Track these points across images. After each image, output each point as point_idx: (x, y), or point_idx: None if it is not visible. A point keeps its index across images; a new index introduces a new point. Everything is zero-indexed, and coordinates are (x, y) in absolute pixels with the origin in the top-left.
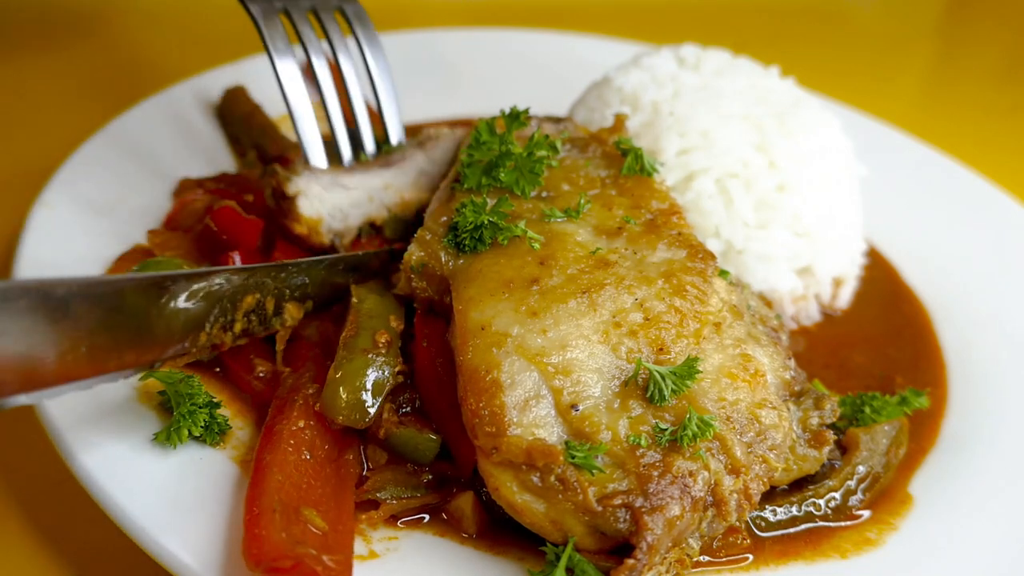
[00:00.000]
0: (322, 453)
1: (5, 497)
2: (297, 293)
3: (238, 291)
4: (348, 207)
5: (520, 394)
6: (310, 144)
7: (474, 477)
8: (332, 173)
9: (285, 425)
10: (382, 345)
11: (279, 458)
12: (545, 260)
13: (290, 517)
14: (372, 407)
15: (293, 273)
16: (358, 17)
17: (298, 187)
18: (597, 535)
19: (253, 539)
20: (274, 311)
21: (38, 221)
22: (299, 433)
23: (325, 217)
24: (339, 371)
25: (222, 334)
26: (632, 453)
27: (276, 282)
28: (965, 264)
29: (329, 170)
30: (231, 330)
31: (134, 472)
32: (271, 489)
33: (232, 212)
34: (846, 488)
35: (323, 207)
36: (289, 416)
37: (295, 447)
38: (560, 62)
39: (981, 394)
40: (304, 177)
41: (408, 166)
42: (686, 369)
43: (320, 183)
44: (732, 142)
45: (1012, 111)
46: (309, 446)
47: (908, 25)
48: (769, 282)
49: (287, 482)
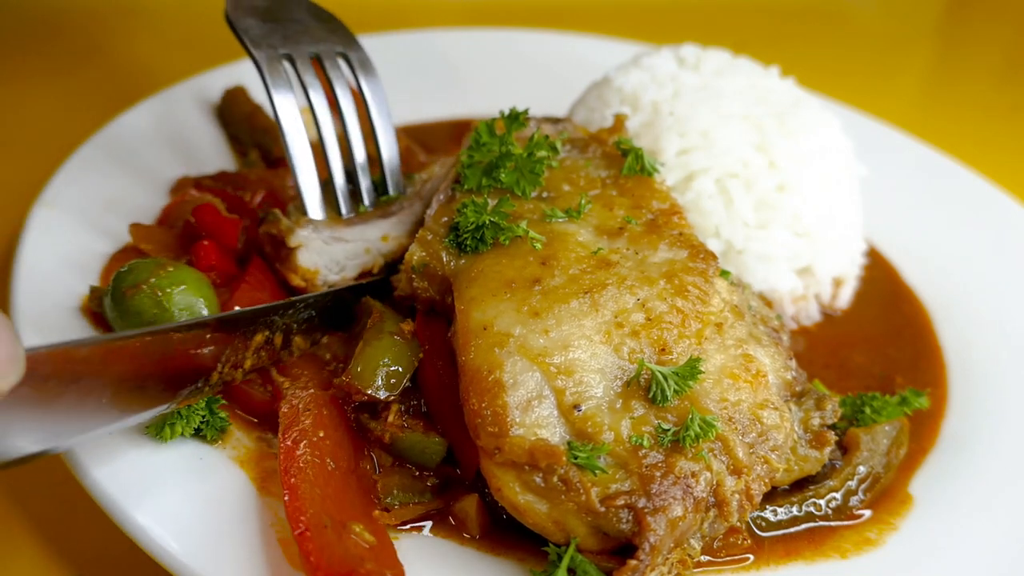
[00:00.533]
0: (345, 463)
1: (5, 497)
2: (304, 327)
3: (247, 332)
4: (344, 259)
5: (522, 394)
6: (309, 194)
7: (477, 480)
8: (332, 226)
9: (306, 437)
10: (407, 332)
11: (311, 471)
12: (547, 260)
13: (340, 532)
14: (403, 379)
15: (300, 308)
16: (362, 64)
17: (299, 240)
18: (599, 536)
19: (313, 555)
20: (282, 345)
21: (38, 221)
22: (321, 443)
23: (322, 269)
24: (369, 345)
25: (233, 371)
26: (635, 454)
27: (284, 318)
28: (965, 264)
29: (329, 222)
30: (242, 367)
31: (135, 472)
32: (314, 503)
33: (212, 209)
34: (847, 488)
35: (320, 260)
36: (307, 427)
37: (320, 457)
38: (560, 62)
39: (981, 394)
40: (307, 230)
41: (406, 216)
42: (688, 369)
43: (321, 236)
44: (732, 142)
45: (1012, 111)
46: (332, 456)
47: (908, 25)
48: (769, 282)
49: (326, 496)
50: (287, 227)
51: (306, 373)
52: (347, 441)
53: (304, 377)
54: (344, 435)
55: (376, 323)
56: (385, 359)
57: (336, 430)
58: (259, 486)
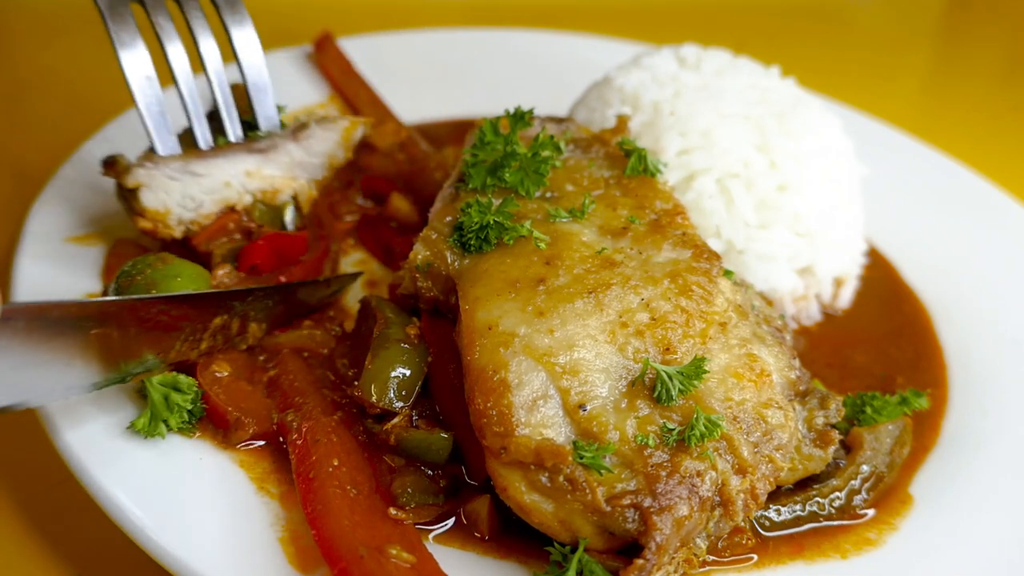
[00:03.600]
0: (366, 487)
1: (5, 497)
2: (261, 315)
3: (207, 312)
4: (201, 194)
5: (528, 394)
6: (157, 132)
7: (488, 482)
8: (182, 160)
9: (321, 468)
10: (414, 336)
11: (335, 503)
12: (551, 260)
13: (378, 558)
14: (414, 387)
15: (260, 296)
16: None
17: (138, 179)
18: (605, 535)
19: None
20: (238, 331)
21: (38, 223)
22: (338, 472)
23: (173, 208)
24: (378, 357)
25: (189, 350)
26: (640, 453)
27: (244, 305)
28: (965, 264)
29: (178, 157)
30: (198, 347)
31: (135, 472)
32: (344, 535)
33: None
34: (850, 487)
35: (170, 198)
36: (319, 458)
37: (341, 486)
38: (560, 62)
39: (981, 394)
40: (145, 168)
41: (279, 156)
42: (693, 369)
43: (166, 172)
44: (733, 142)
45: (1012, 111)
46: (352, 482)
47: (908, 25)
48: (770, 282)
49: (355, 524)
50: (123, 168)
51: (308, 401)
52: (363, 462)
53: (307, 405)
54: (359, 457)
55: (382, 330)
56: (395, 369)
57: (350, 455)
58: (259, 486)
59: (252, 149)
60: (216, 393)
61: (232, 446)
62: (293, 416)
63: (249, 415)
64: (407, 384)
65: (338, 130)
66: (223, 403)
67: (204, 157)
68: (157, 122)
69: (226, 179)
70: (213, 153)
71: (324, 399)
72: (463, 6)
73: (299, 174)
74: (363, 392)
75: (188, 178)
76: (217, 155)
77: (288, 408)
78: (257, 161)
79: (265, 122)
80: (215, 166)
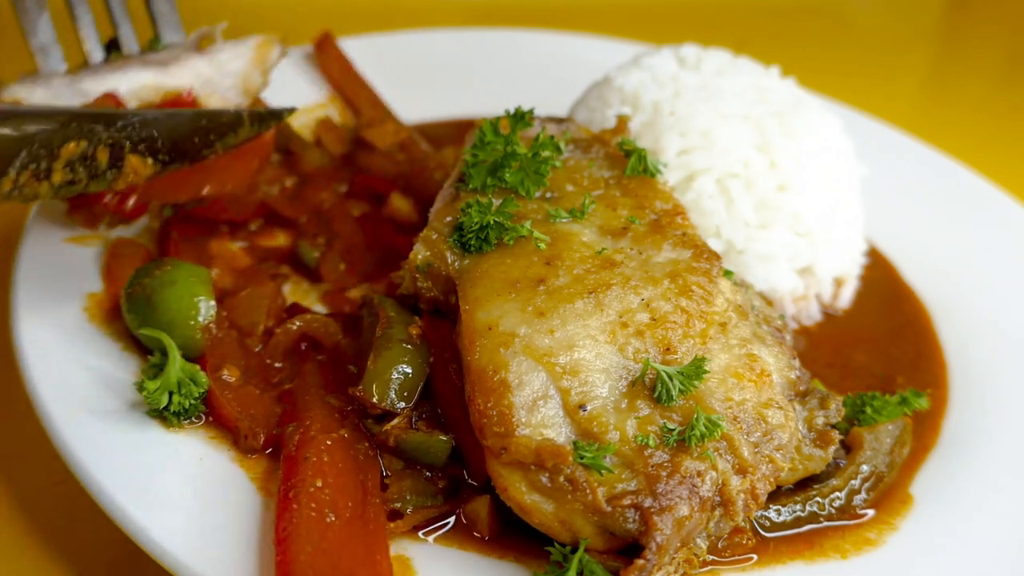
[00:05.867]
0: (347, 512)
1: (5, 497)
2: (142, 146)
3: (54, 136)
4: None
5: (528, 394)
6: (40, 47)
7: (489, 483)
8: (69, 76)
9: (301, 488)
10: (416, 336)
11: (305, 526)
12: (551, 260)
13: None
14: (416, 388)
15: (136, 124)
16: None
17: (16, 95)
18: (606, 535)
19: None
20: (109, 163)
21: (38, 223)
22: (318, 494)
23: None
24: (381, 357)
25: (35, 183)
26: (640, 453)
27: (112, 131)
28: (965, 264)
29: (64, 72)
30: (48, 179)
31: (135, 473)
32: (304, 563)
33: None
34: (850, 487)
35: None
36: (304, 477)
37: (317, 510)
38: (560, 62)
39: (981, 394)
40: (23, 83)
41: (182, 70)
42: (693, 369)
43: (49, 88)
44: (733, 142)
45: (1012, 111)
46: (332, 506)
47: (908, 25)
48: (770, 282)
49: (318, 551)
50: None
51: (311, 417)
52: (354, 485)
53: (308, 422)
54: (349, 480)
55: (385, 330)
56: (398, 370)
57: (339, 477)
58: (259, 486)
59: (148, 61)
60: (224, 396)
61: (243, 454)
62: (292, 429)
63: (255, 421)
64: (409, 384)
65: (250, 46)
66: (230, 407)
67: (95, 72)
68: (42, 35)
69: (122, 96)
70: (105, 68)
71: (328, 416)
72: (463, 6)
73: (211, 92)
74: (365, 392)
75: (77, 97)
76: (110, 69)
77: (291, 421)
78: (156, 75)
79: (169, 37)
80: (108, 81)
